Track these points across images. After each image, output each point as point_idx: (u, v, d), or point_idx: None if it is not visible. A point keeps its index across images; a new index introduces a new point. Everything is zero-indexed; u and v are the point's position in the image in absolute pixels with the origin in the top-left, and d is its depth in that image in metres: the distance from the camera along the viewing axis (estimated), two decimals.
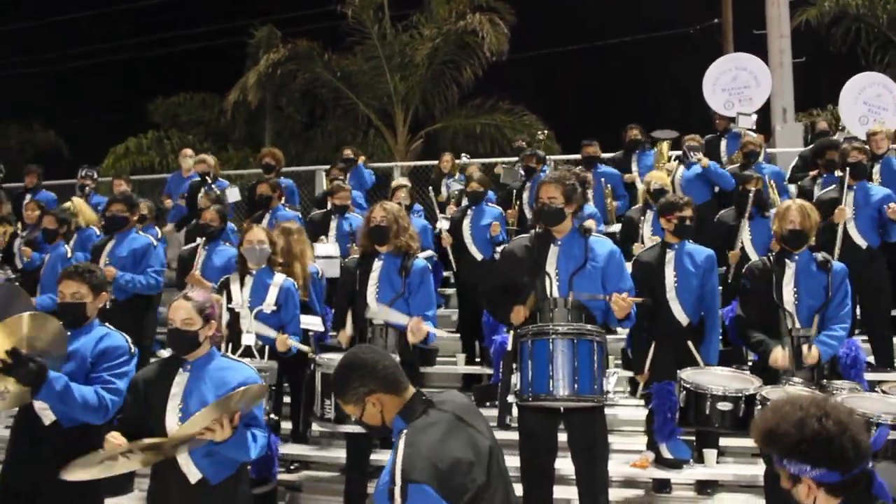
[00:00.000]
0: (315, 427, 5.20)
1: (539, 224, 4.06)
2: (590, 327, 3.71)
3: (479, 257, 6.65)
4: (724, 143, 8.44)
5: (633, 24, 17.98)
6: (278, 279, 4.84)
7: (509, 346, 3.82)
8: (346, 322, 4.59)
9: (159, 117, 17.83)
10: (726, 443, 4.93)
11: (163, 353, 4.46)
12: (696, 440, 4.77)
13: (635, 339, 4.65)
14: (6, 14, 19.59)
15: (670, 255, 4.63)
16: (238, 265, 4.91)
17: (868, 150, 6.12)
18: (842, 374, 4.32)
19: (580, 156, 8.06)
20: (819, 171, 6.75)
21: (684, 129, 8.02)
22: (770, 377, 3.97)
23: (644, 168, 8.11)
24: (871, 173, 6.23)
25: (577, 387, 3.56)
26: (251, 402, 3.01)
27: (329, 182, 8.28)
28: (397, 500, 2.07)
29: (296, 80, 15.99)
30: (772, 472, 3.43)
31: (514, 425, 3.88)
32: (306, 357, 4.72)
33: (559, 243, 3.96)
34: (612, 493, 4.18)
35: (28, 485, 3.34)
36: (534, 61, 18.28)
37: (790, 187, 7.34)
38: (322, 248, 6.24)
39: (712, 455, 4.72)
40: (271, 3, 18.21)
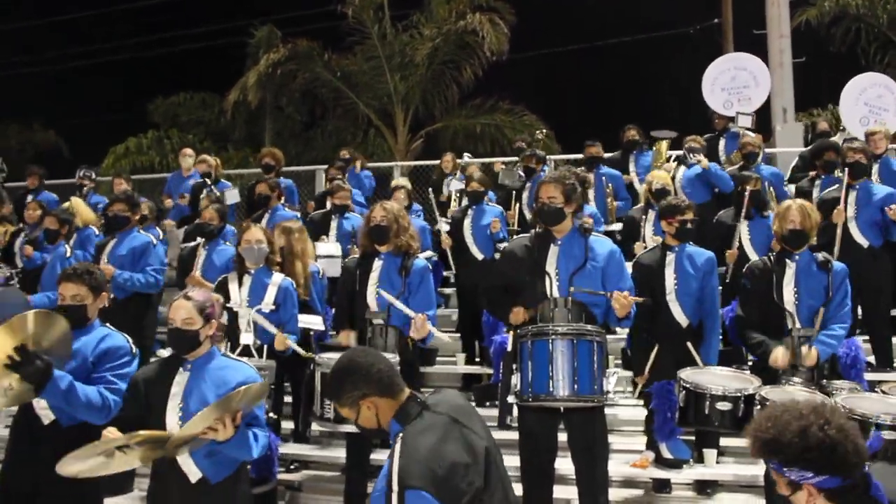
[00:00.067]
0: (315, 426, 5.20)
1: (539, 224, 4.06)
2: (590, 327, 3.70)
3: (479, 257, 6.64)
4: (722, 142, 8.43)
5: (633, 24, 17.99)
6: (276, 279, 4.84)
7: (509, 347, 3.83)
8: (346, 320, 4.58)
9: (159, 117, 17.83)
10: (726, 443, 4.92)
11: (163, 353, 4.45)
12: (695, 440, 4.76)
13: (635, 341, 4.65)
14: (6, 14, 19.62)
15: (670, 258, 4.63)
16: (236, 265, 4.91)
17: (868, 150, 6.11)
18: (842, 374, 4.31)
19: (582, 156, 8.06)
20: (817, 172, 6.74)
21: (684, 129, 8.02)
22: (770, 377, 3.96)
23: (641, 168, 8.12)
24: (869, 173, 6.22)
25: (576, 387, 3.56)
26: (252, 401, 3.01)
27: (328, 182, 8.27)
28: None
29: (296, 79, 15.97)
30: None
31: (514, 425, 3.89)
32: (306, 357, 4.72)
33: (559, 243, 3.96)
34: (612, 493, 4.18)
35: (28, 485, 3.34)
36: (534, 61, 18.28)
37: (790, 187, 7.33)
38: (323, 247, 6.23)
39: (712, 455, 4.72)
40: (271, 3, 18.24)
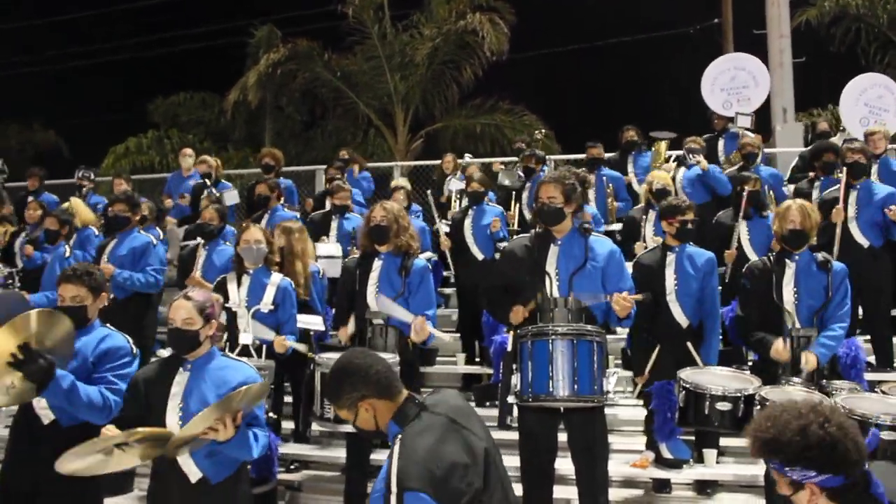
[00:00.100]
0: (315, 426, 5.20)
1: (539, 224, 4.06)
2: (589, 328, 3.70)
3: (480, 257, 6.63)
4: (721, 142, 8.44)
5: (633, 23, 17.98)
6: (275, 279, 4.84)
7: (509, 347, 3.82)
8: (346, 320, 4.59)
9: (159, 117, 17.83)
10: (726, 443, 4.92)
11: (162, 353, 4.45)
12: (695, 440, 4.76)
13: (635, 341, 4.65)
14: (6, 14, 19.62)
15: (671, 258, 4.62)
16: (235, 265, 4.92)
17: (867, 149, 6.10)
18: (842, 374, 4.30)
19: (584, 157, 8.05)
20: (816, 174, 6.73)
21: (684, 129, 8.01)
22: (770, 377, 3.96)
23: (640, 169, 8.14)
24: (869, 173, 6.22)
25: (576, 387, 3.56)
26: (252, 401, 3.02)
27: (327, 182, 8.27)
28: None
29: (296, 79, 15.97)
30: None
31: (514, 425, 3.88)
32: (306, 356, 4.72)
33: (559, 243, 3.96)
34: (612, 493, 4.18)
35: (27, 484, 3.34)
36: (534, 61, 18.28)
37: (790, 188, 7.32)
38: (324, 247, 6.22)
39: (712, 455, 4.72)
40: (271, 3, 18.23)
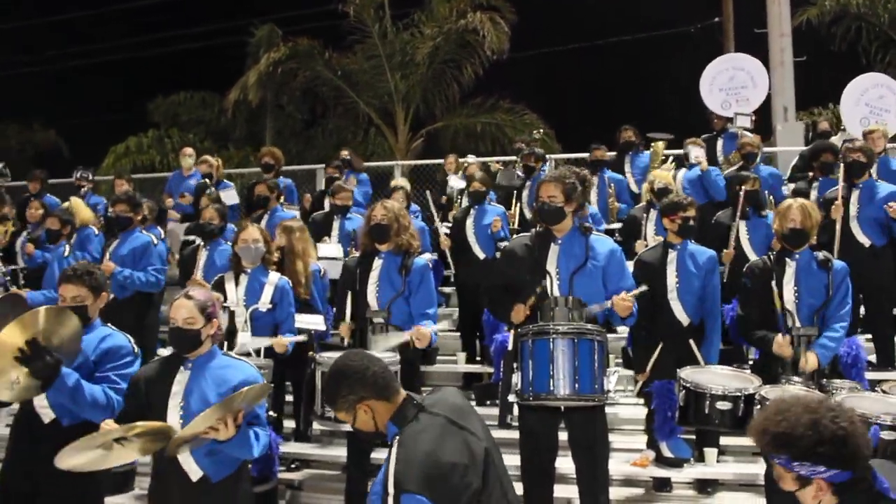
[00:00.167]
0: (316, 425, 5.20)
1: (539, 223, 4.06)
2: (590, 326, 3.70)
3: (481, 256, 6.62)
4: (720, 142, 8.43)
5: (634, 22, 17.98)
6: (273, 278, 4.84)
7: (510, 346, 3.82)
8: (346, 314, 4.57)
9: (159, 116, 17.83)
10: (727, 442, 4.93)
11: (163, 352, 4.45)
12: (696, 439, 4.76)
13: (636, 339, 4.65)
14: (6, 14, 19.60)
15: (672, 256, 4.63)
16: (232, 264, 4.92)
17: (867, 148, 6.09)
18: (842, 373, 4.31)
19: (582, 155, 8.04)
20: (815, 174, 6.72)
21: (684, 128, 8.02)
22: (770, 377, 3.96)
23: (637, 169, 8.16)
24: (869, 172, 6.20)
25: (577, 386, 3.56)
26: (254, 401, 3.02)
27: (326, 182, 8.27)
28: None
29: (296, 78, 15.97)
30: (772, 473, 3.43)
31: (514, 424, 3.88)
32: (307, 356, 4.72)
33: (559, 242, 3.96)
34: (613, 492, 4.18)
35: (28, 483, 3.34)
36: (534, 60, 18.27)
37: (790, 186, 7.32)
38: (325, 248, 6.21)
39: (713, 454, 4.72)
40: (272, 2, 18.22)
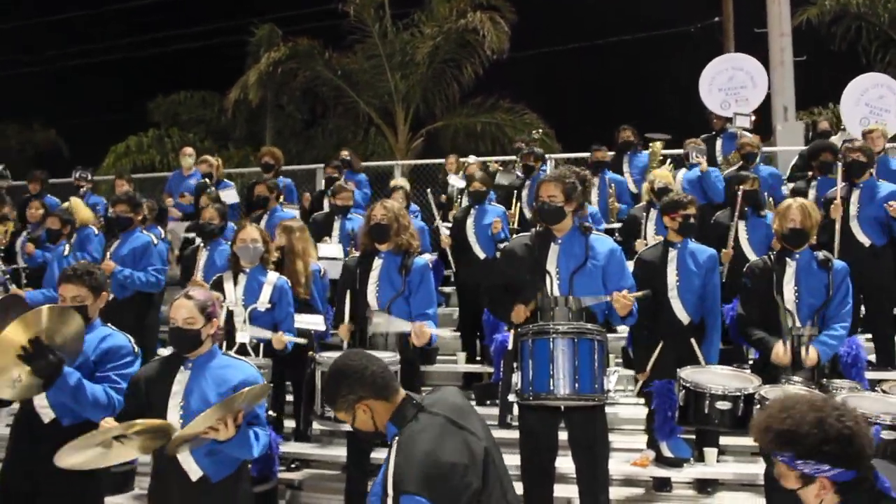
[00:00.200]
0: (316, 425, 5.20)
1: (539, 223, 4.05)
2: (590, 326, 3.70)
3: (482, 256, 6.62)
4: (719, 142, 8.43)
5: (634, 22, 17.97)
6: (271, 277, 4.84)
7: (510, 345, 3.82)
8: (345, 316, 4.57)
9: (160, 116, 17.82)
10: (727, 441, 4.93)
11: (162, 352, 4.45)
12: (696, 439, 4.76)
13: (636, 338, 4.65)
14: (6, 13, 19.58)
15: (673, 254, 4.63)
16: (231, 263, 4.93)
17: (867, 148, 6.08)
18: (843, 372, 4.31)
19: (589, 160, 8.03)
20: (813, 173, 6.72)
21: (684, 127, 8.01)
22: (770, 376, 3.96)
23: (635, 169, 8.19)
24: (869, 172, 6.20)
25: (577, 386, 3.56)
26: (254, 401, 3.02)
27: (326, 182, 8.27)
28: None
29: (297, 78, 15.97)
30: (772, 471, 3.42)
31: (514, 424, 3.89)
32: (307, 356, 4.72)
33: (559, 242, 3.96)
34: (613, 492, 4.18)
35: (28, 483, 3.34)
36: (534, 60, 18.26)
37: (789, 186, 7.32)
38: (326, 249, 6.22)
39: (713, 454, 4.72)
40: (272, 2, 18.20)
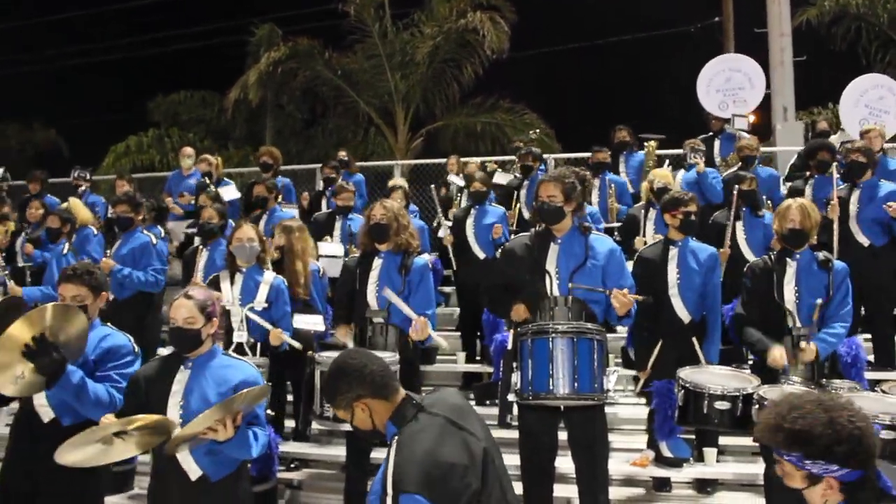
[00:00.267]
0: (315, 425, 5.20)
1: (539, 222, 4.05)
2: (590, 326, 3.70)
3: (481, 256, 6.62)
4: (717, 143, 8.42)
5: (634, 22, 17.98)
6: (268, 277, 4.85)
7: (509, 345, 3.82)
8: (345, 319, 4.56)
9: (160, 116, 17.81)
10: (726, 441, 4.93)
11: (162, 351, 4.46)
12: (696, 439, 4.77)
13: (636, 337, 4.65)
14: (6, 14, 19.58)
15: (673, 252, 4.62)
16: (228, 263, 4.94)
17: (867, 148, 6.08)
18: (842, 372, 4.31)
19: (589, 161, 8.04)
20: (811, 172, 6.72)
21: (684, 127, 8.01)
22: (769, 376, 3.96)
23: (631, 169, 8.22)
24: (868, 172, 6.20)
25: (577, 385, 3.56)
26: (253, 402, 3.02)
27: (324, 183, 8.28)
28: None
29: (296, 78, 15.97)
30: (772, 472, 3.42)
31: (514, 424, 3.88)
32: (306, 355, 4.72)
33: (559, 242, 3.96)
34: (613, 492, 4.19)
35: (28, 483, 3.34)
36: (534, 60, 18.27)
37: (786, 185, 7.33)
38: (327, 247, 6.22)
39: (712, 454, 4.73)
40: (272, 2, 18.20)
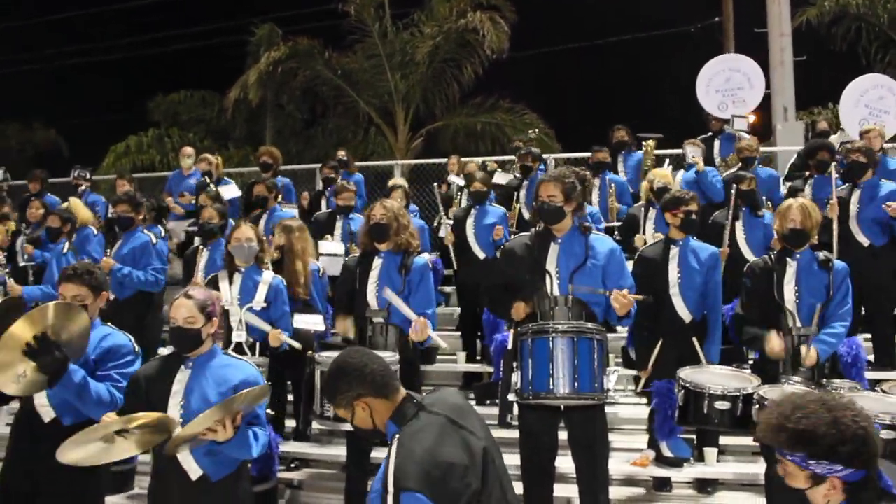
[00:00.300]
0: (315, 425, 5.20)
1: (539, 222, 4.05)
2: (590, 325, 3.70)
3: (482, 256, 6.61)
4: (717, 144, 8.42)
5: (634, 22, 17.98)
6: (267, 277, 4.84)
7: (510, 345, 3.82)
8: (346, 313, 4.54)
9: (160, 115, 17.81)
10: (727, 441, 4.93)
11: (162, 351, 4.46)
12: (696, 438, 4.77)
13: (637, 336, 4.65)
14: (6, 14, 19.58)
15: (674, 252, 4.62)
16: (226, 263, 4.93)
17: (867, 148, 6.08)
18: (843, 372, 4.31)
19: (589, 161, 8.04)
20: (810, 172, 6.72)
21: (684, 127, 8.01)
22: (769, 376, 3.96)
23: (629, 169, 8.22)
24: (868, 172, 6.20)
25: (577, 385, 3.56)
26: (253, 402, 3.02)
27: (323, 182, 8.28)
28: None
29: (296, 77, 15.97)
30: (772, 471, 3.43)
31: (514, 424, 3.88)
32: (306, 355, 4.72)
33: (559, 241, 3.96)
34: (613, 492, 4.18)
35: (28, 483, 3.34)
36: (534, 60, 18.27)
37: (785, 185, 7.33)
38: (327, 245, 6.22)
39: (713, 453, 4.72)
40: (272, 2, 18.20)
